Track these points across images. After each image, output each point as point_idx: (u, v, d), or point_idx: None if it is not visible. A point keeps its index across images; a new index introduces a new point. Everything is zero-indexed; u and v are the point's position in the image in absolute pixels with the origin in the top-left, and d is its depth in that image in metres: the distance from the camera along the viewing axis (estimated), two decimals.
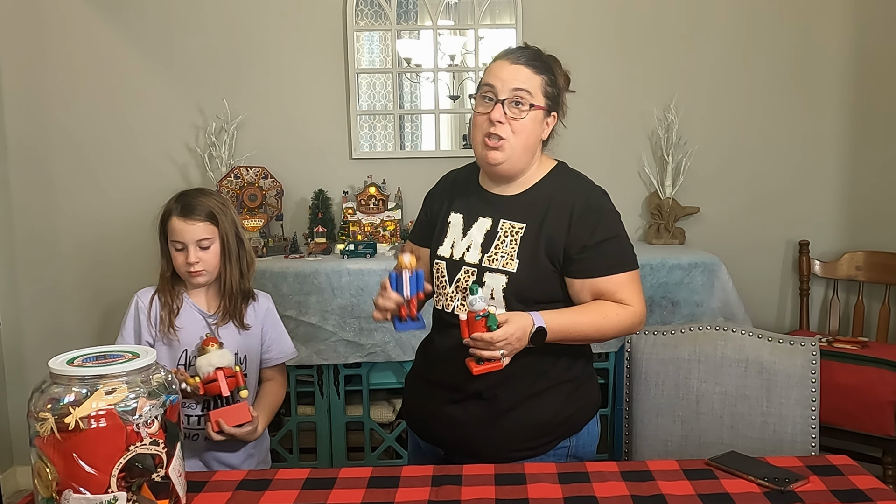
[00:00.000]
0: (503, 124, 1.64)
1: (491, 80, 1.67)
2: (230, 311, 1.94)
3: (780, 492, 1.44)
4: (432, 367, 1.78)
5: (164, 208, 1.94)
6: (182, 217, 1.89)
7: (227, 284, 1.94)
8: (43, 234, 3.17)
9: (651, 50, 3.14)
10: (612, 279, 1.65)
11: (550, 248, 1.65)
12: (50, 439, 1.22)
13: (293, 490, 1.47)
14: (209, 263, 1.90)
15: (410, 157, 3.20)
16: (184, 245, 1.88)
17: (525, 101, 1.65)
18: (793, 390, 1.89)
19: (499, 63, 1.68)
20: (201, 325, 1.93)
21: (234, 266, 1.94)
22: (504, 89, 1.64)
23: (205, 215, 1.89)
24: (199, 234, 1.88)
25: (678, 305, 2.79)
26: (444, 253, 1.75)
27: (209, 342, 1.85)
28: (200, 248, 1.89)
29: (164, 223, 1.93)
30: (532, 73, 1.66)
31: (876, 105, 3.16)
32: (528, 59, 1.68)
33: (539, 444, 1.70)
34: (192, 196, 1.93)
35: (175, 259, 1.91)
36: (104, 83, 3.10)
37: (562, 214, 1.66)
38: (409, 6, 3.18)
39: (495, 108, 1.64)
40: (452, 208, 1.78)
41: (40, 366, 1.35)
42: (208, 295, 1.97)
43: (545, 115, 1.69)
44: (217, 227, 1.90)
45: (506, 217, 1.70)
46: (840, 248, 3.20)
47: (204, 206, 1.90)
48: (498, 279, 1.65)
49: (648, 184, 3.18)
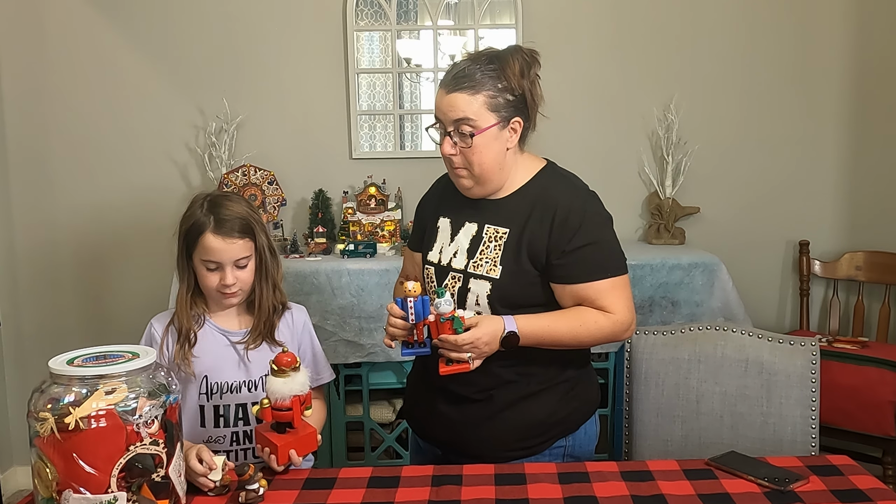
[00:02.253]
0: (456, 155, 1.63)
1: (437, 113, 1.63)
2: (263, 331, 1.72)
3: (780, 492, 1.44)
4: (429, 368, 1.79)
5: (191, 220, 1.66)
6: (218, 234, 1.63)
7: (261, 302, 1.71)
8: (43, 234, 3.16)
9: (651, 50, 3.14)
10: (593, 286, 1.62)
11: (532, 253, 1.63)
12: (50, 439, 1.22)
13: (293, 490, 1.48)
14: (246, 282, 1.68)
15: (410, 157, 3.20)
16: (219, 265, 1.65)
17: (470, 127, 1.59)
18: (793, 390, 1.89)
19: (439, 94, 1.62)
20: (223, 346, 1.71)
21: (270, 281, 1.73)
22: (447, 121, 1.61)
23: (243, 230, 1.66)
24: (237, 253, 1.65)
25: (678, 305, 2.79)
26: (432, 258, 1.75)
27: (289, 362, 1.53)
28: (237, 267, 1.66)
29: (192, 238, 1.66)
30: (468, 97, 1.58)
31: (876, 105, 3.16)
32: (459, 84, 1.58)
33: (534, 443, 1.70)
34: (223, 206, 1.66)
35: (205, 279, 1.66)
36: (104, 83, 3.10)
37: (544, 219, 1.63)
38: (409, 6, 3.18)
39: (444, 141, 1.62)
40: (441, 213, 1.78)
41: (40, 366, 1.35)
42: (238, 312, 1.75)
43: (501, 128, 1.62)
44: (255, 243, 1.68)
45: (490, 222, 1.69)
46: (840, 248, 3.20)
47: (239, 217, 1.66)
48: (482, 286, 1.64)
49: (648, 184, 3.18)
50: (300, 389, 1.52)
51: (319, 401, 1.78)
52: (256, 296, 1.71)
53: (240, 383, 1.70)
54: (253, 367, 1.70)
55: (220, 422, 1.69)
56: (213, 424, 1.69)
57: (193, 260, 1.68)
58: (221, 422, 1.69)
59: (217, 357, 1.69)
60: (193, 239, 1.65)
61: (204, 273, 1.66)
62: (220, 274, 1.65)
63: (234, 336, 1.72)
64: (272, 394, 1.51)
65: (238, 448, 1.71)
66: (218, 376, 1.69)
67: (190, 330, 1.69)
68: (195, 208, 1.67)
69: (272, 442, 1.52)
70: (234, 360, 1.71)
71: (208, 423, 1.69)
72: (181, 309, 1.70)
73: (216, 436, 1.69)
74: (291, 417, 1.52)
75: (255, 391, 1.70)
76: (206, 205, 1.66)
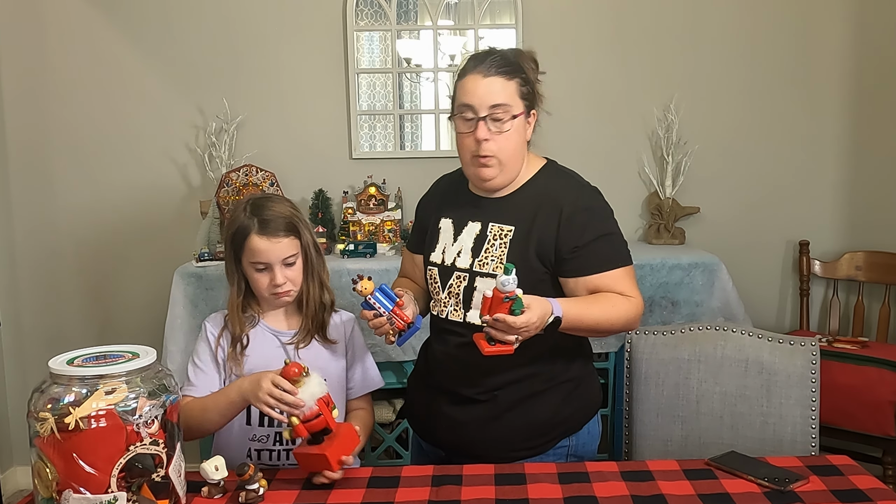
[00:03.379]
0: (489, 141, 1.61)
1: (468, 99, 1.62)
2: (312, 330, 1.74)
3: (780, 492, 1.44)
4: (431, 370, 1.79)
5: (236, 224, 1.69)
6: (263, 234, 1.66)
7: (309, 300, 1.73)
8: (43, 234, 3.17)
9: (651, 50, 3.14)
10: (608, 275, 1.64)
11: (541, 250, 1.64)
12: (50, 439, 1.22)
13: (293, 490, 1.48)
14: (296, 281, 1.70)
15: (410, 157, 3.20)
16: (267, 265, 1.67)
17: (506, 114, 1.61)
18: (793, 390, 1.89)
19: (472, 78, 1.63)
20: (273, 347, 1.72)
21: (316, 278, 1.75)
22: (483, 106, 1.61)
23: (287, 228, 1.68)
24: (284, 252, 1.67)
25: (678, 305, 2.79)
26: (435, 259, 1.75)
27: (296, 371, 1.50)
28: (286, 265, 1.68)
29: (239, 242, 1.69)
30: (505, 82, 1.61)
31: (876, 105, 3.16)
32: (499, 67, 1.62)
33: (538, 443, 1.70)
34: (266, 207, 1.69)
35: (256, 281, 1.69)
36: (104, 83, 3.10)
37: (551, 216, 1.64)
38: (409, 6, 3.18)
39: (478, 126, 1.61)
40: (442, 214, 1.78)
41: (40, 366, 1.35)
42: (286, 313, 1.77)
43: (525, 117, 1.66)
44: (300, 240, 1.70)
45: (494, 220, 1.69)
46: (840, 248, 3.20)
47: (283, 217, 1.68)
48: (489, 283, 1.63)
49: (648, 184, 3.18)
50: (320, 391, 1.50)
51: (366, 409, 1.81)
52: (304, 293, 1.73)
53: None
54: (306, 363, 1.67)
55: (265, 421, 1.69)
56: (258, 423, 1.70)
57: (242, 263, 1.70)
58: (266, 421, 1.69)
59: (267, 357, 1.69)
60: (240, 243, 1.68)
61: (254, 275, 1.69)
62: (269, 274, 1.68)
63: (284, 336, 1.74)
64: None
65: (281, 448, 1.71)
66: None
67: (242, 334, 1.71)
68: (238, 213, 1.70)
69: (319, 454, 1.46)
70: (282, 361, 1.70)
71: (253, 422, 1.70)
72: (232, 314, 1.72)
73: (260, 434, 1.70)
74: (325, 422, 1.49)
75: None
76: (249, 208, 1.69)
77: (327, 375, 1.67)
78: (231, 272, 1.73)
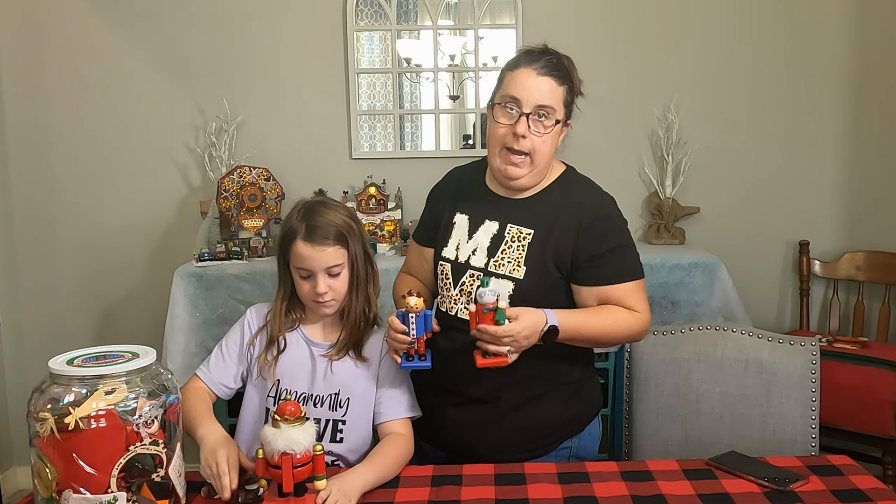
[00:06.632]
0: (527, 139, 1.61)
1: (516, 91, 1.61)
2: (349, 344, 1.69)
3: (780, 492, 1.44)
4: (436, 368, 1.78)
5: (286, 227, 1.67)
6: (308, 241, 1.62)
7: (350, 314, 1.68)
8: (43, 235, 3.17)
9: (651, 50, 3.13)
10: (620, 287, 1.64)
11: (558, 257, 1.64)
12: (50, 439, 1.22)
13: None
14: (339, 292, 1.66)
15: (410, 157, 3.20)
16: (310, 273, 1.64)
17: (550, 116, 1.62)
18: (793, 390, 1.89)
19: (524, 72, 1.62)
20: (305, 356, 1.69)
21: (362, 293, 1.69)
22: (529, 103, 1.60)
23: (333, 237, 1.63)
24: (328, 261, 1.62)
25: (678, 305, 2.79)
26: (448, 255, 1.73)
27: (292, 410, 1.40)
28: (330, 275, 1.64)
29: (286, 245, 1.67)
30: (556, 85, 1.62)
31: (876, 105, 3.16)
32: (552, 70, 1.62)
33: (541, 445, 1.70)
34: (317, 213, 1.65)
35: (300, 287, 1.66)
36: (104, 83, 3.10)
37: (570, 222, 1.64)
38: (409, 6, 3.18)
39: (520, 121, 1.60)
40: (458, 209, 1.76)
41: (40, 366, 1.34)
42: (324, 323, 1.72)
43: (563, 125, 1.67)
44: (347, 251, 1.65)
45: (513, 222, 1.68)
46: (840, 248, 3.20)
47: (332, 225, 1.63)
48: (504, 285, 1.63)
49: (648, 184, 3.18)
50: (300, 448, 1.38)
51: (405, 436, 1.65)
52: (345, 306, 1.68)
53: (307, 396, 1.67)
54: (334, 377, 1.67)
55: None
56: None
57: (290, 267, 1.68)
58: None
59: (295, 365, 1.67)
60: (287, 246, 1.66)
61: (298, 281, 1.66)
62: (312, 282, 1.64)
63: (317, 348, 1.70)
64: (267, 444, 1.39)
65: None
66: (290, 383, 1.67)
67: (280, 336, 1.69)
68: (292, 214, 1.68)
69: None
70: (308, 371, 1.68)
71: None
72: (274, 316, 1.70)
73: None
74: (280, 477, 1.37)
75: (319, 407, 1.66)
76: (302, 212, 1.67)
77: (352, 394, 1.66)
78: (280, 275, 1.71)
